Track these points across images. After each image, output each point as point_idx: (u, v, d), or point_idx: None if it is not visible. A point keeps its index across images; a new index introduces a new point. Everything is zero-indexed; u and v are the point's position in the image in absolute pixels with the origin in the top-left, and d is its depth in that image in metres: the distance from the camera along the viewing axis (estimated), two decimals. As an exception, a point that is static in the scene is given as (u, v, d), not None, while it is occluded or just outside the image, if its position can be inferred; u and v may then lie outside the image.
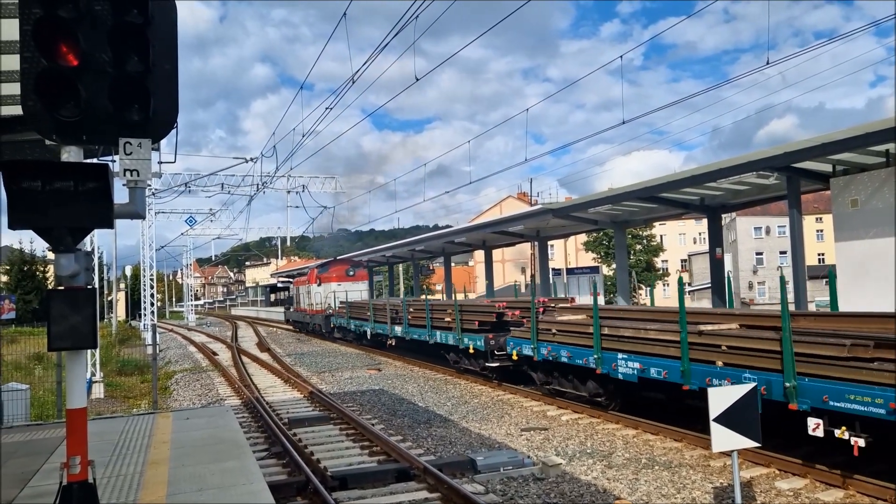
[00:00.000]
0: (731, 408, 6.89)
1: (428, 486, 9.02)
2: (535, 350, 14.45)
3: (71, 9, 4.25)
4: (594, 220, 22.50)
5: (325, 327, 35.13)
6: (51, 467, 7.46)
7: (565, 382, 14.16)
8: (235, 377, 21.33)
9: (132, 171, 4.56)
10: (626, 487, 8.95)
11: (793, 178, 13.99)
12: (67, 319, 4.37)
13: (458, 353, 19.24)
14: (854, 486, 8.30)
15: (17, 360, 23.34)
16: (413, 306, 23.06)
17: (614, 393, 12.87)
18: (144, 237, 47.64)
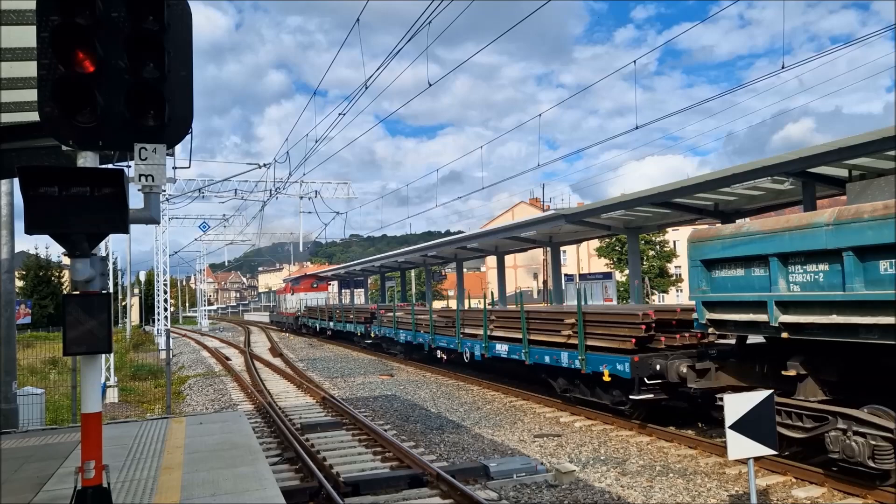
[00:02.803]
0: (747, 415, 6.81)
1: (441, 493, 8.98)
2: (395, 334, 26.30)
3: (88, 16, 4.28)
4: (607, 226, 22.39)
5: (295, 325, 49.09)
6: (65, 472, 7.50)
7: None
8: (248, 382, 21.39)
9: (147, 176, 4.58)
10: (640, 495, 8.88)
11: (808, 184, 13.86)
12: (83, 324, 4.39)
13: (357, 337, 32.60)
14: (873, 496, 8.19)
15: (33, 365, 23.55)
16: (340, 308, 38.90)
17: None
18: (158, 242, 47.96)
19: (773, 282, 9.13)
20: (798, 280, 8.91)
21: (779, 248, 8.98)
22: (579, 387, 14.16)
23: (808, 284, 8.74)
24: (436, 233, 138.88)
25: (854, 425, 8.33)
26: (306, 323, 45.60)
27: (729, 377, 10.73)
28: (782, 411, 9.16)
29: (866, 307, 7.89)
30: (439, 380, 21.06)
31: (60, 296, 47.47)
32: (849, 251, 8.02)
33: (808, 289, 8.74)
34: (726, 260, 10.01)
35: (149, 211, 4.78)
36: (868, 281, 7.85)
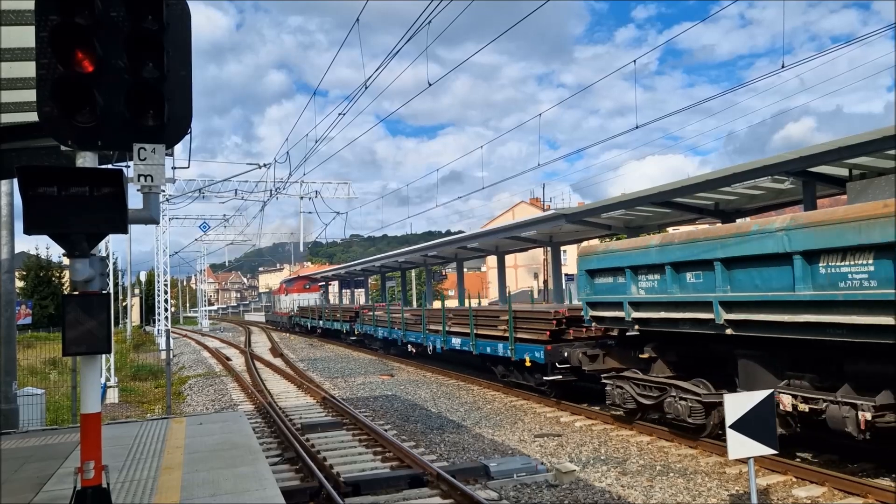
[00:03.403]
0: (748, 415, 6.81)
1: (441, 493, 8.98)
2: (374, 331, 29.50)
3: (87, 15, 4.28)
4: (607, 226, 22.37)
5: (289, 324, 51.62)
6: (65, 472, 7.50)
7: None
8: (248, 382, 21.39)
9: (146, 176, 4.58)
10: (640, 495, 8.87)
11: (808, 183, 13.84)
12: (82, 324, 4.38)
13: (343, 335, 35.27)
14: (874, 495, 8.18)
15: (33, 365, 23.55)
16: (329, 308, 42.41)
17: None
18: (159, 243, 47.93)
19: (628, 287, 11.88)
20: (643, 286, 11.64)
21: (630, 263, 11.83)
22: (513, 372, 17.02)
23: (649, 289, 11.45)
24: (436, 233, 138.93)
25: (681, 393, 11.11)
26: (299, 322, 48.40)
27: (613, 361, 13.42)
28: (640, 384, 12.18)
29: (682, 306, 10.67)
30: (439, 380, 21.07)
31: (61, 296, 47.51)
32: (668, 265, 10.86)
33: (648, 292, 11.48)
34: (601, 270, 12.79)
35: (148, 211, 4.78)
36: (681, 286, 10.73)
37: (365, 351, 31.49)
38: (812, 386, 9.26)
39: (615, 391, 12.75)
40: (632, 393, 12.27)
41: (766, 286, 9.10)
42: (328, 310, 41.24)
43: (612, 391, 12.86)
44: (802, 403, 9.00)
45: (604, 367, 13.41)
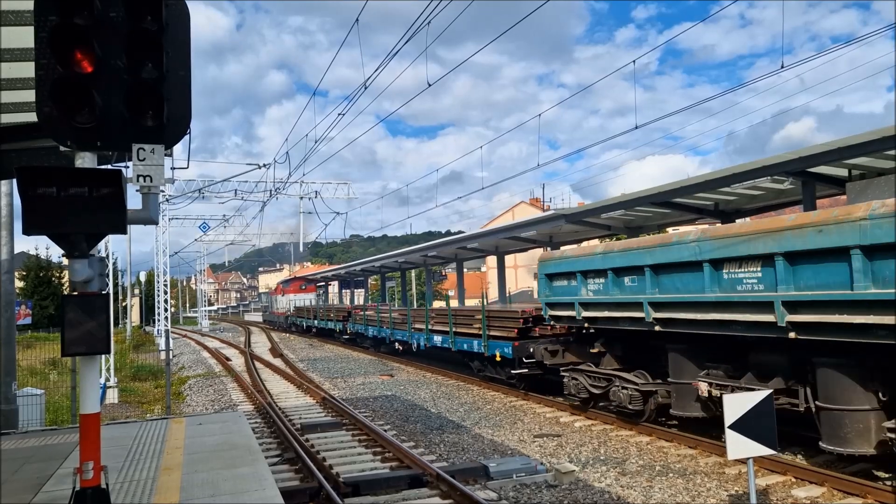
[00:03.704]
0: (747, 415, 6.81)
1: (440, 493, 8.98)
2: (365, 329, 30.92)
3: (86, 16, 4.28)
4: (607, 226, 22.37)
5: (285, 323, 52.99)
6: (65, 472, 7.50)
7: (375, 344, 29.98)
8: (248, 383, 21.38)
9: (145, 176, 4.58)
10: (640, 495, 8.87)
11: (808, 183, 13.84)
12: (81, 325, 4.38)
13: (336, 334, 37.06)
14: (873, 495, 8.18)
15: (33, 366, 23.55)
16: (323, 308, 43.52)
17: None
18: (158, 243, 47.92)
19: (579, 289, 13.33)
20: (591, 288, 13.06)
21: (580, 268, 13.29)
22: (487, 367, 18.45)
23: (596, 291, 12.96)
24: (436, 233, 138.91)
25: (623, 383, 12.54)
26: (295, 322, 49.88)
27: (571, 356, 14.83)
28: (591, 376, 13.63)
29: (621, 306, 12.14)
30: (439, 380, 21.07)
31: (60, 296, 47.50)
32: (610, 270, 12.38)
33: (595, 294, 12.95)
34: (558, 274, 14.19)
35: (147, 211, 4.78)
36: (620, 289, 12.20)
37: (364, 351, 31.49)
38: (726, 375, 10.61)
39: (571, 382, 14.20)
40: (585, 384, 13.74)
41: (685, 289, 10.58)
42: (323, 310, 42.66)
43: (568, 382, 14.29)
44: (716, 389, 10.38)
45: (563, 361, 14.86)
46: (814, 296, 8.46)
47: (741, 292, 9.45)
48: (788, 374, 9.55)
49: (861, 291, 7.80)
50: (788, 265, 8.77)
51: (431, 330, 22.35)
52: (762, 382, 9.64)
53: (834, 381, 8.68)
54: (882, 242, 7.59)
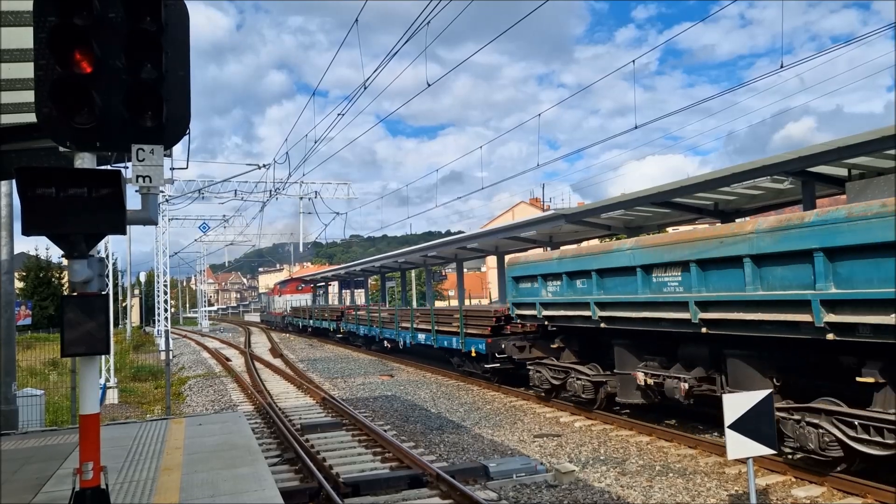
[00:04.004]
0: (746, 415, 6.81)
1: (440, 493, 8.98)
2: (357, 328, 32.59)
3: (85, 16, 4.28)
4: (607, 226, 22.36)
5: (282, 323, 55.15)
6: (64, 473, 7.50)
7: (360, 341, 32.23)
8: (248, 383, 21.38)
9: (145, 177, 4.58)
10: (640, 495, 8.87)
11: (808, 183, 13.84)
12: (81, 325, 4.39)
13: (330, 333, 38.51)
14: (873, 495, 8.18)
15: (33, 366, 23.55)
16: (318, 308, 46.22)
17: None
18: (158, 243, 47.91)
19: (540, 291, 14.74)
20: (550, 290, 14.48)
21: (541, 271, 14.81)
22: (465, 362, 19.99)
23: (553, 292, 14.34)
24: (436, 233, 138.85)
25: (578, 374, 14.03)
26: (291, 321, 51.77)
27: (537, 351, 16.03)
28: (552, 369, 15.05)
29: (574, 306, 13.49)
30: (439, 380, 21.07)
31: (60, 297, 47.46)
32: (564, 274, 13.60)
33: (553, 295, 14.33)
34: (522, 277, 15.61)
35: (146, 212, 4.78)
36: (574, 291, 13.58)
37: (364, 351, 31.50)
38: (660, 366, 11.98)
39: (535, 375, 15.63)
40: (547, 376, 15.21)
41: (623, 291, 11.92)
42: (318, 310, 44.98)
43: (533, 375, 15.76)
44: (650, 379, 11.86)
45: (530, 356, 16.15)
46: (718, 296, 9.80)
47: (665, 293, 10.85)
48: (708, 365, 10.90)
49: (751, 293, 9.14)
50: (700, 270, 10.12)
51: (416, 328, 23.92)
52: (687, 372, 11.14)
53: (740, 369, 10.07)
54: (766, 252, 8.95)
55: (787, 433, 9.12)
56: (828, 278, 8.15)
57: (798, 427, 8.95)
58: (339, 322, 36.49)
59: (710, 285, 9.98)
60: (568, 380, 14.39)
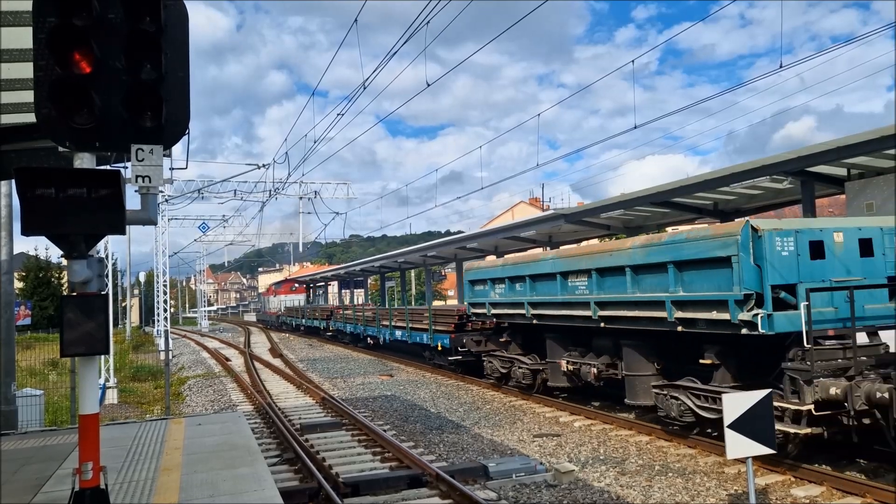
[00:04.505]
0: (746, 414, 6.81)
1: (440, 493, 8.98)
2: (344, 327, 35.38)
3: (85, 17, 4.28)
4: (606, 226, 22.40)
5: (276, 322, 57.99)
6: (64, 473, 7.50)
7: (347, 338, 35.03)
8: (248, 383, 21.38)
9: (144, 177, 4.58)
10: (639, 494, 8.88)
11: (807, 182, 13.86)
12: (80, 325, 4.38)
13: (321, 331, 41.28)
14: (872, 494, 8.19)
15: (32, 366, 23.53)
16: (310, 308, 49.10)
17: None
18: (158, 243, 47.89)
19: (489, 293, 17.61)
20: (497, 292, 17.20)
21: (490, 276, 17.61)
22: (434, 356, 22.34)
23: (500, 294, 16.98)
24: (436, 233, 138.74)
25: (520, 364, 16.44)
26: (285, 321, 54.38)
27: (491, 345, 18.52)
28: (501, 359, 17.50)
29: (514, 305, 16.17)
30: (439, 380, 21.08)
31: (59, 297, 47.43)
32: (507, 279, 16.43)
33: (499, 296, 17.01)
34: (476, 280, 18.37)
35: (146, 212, 4.78)
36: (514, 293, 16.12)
37: (364, 351, 31.51)
38: (579, 355, 14.35)
39: (488, 365, 18.15)
40: (497, 366, 17.57)
41: (548, 293, 14.54)
42: (309, 309, 48.11)
43: (486, 365, 18.27)
44: (571, 365, 14.38)
45: (485, 349, 18.64)
46: (610, 298, 12.41)
47: (576, 295, 13.45)
48: (612, 353, 13.31)
49: (631, 295, 11.77)
50: (599, 277, 12.68)
51: (394, 326, 26.59)
52: (597, 359, 13.65)
53: (632, 356, 12.39)
54: (639, 263, 11.53)
55: (659, 405, 11.49)
56: (677, 284, 10.75)
57: (665, 399, 11.28)
58: (328, 321, 39.21)
59: (605, 289, 12.59)
60: (513, 369, 16.83)
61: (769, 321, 9.24)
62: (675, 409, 11.01)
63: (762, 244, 9.51)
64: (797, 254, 9.69)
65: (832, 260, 10.00)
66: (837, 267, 9.86)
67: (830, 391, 8.67)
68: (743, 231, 9.55)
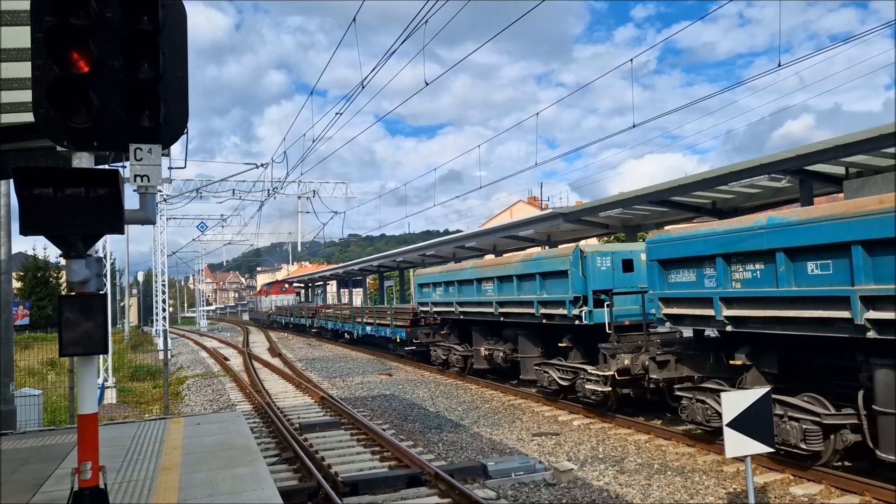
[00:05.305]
0: (745, 413, 6.81)
1: (439, 492, 8.98)
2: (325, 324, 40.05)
3: (83, 16, 4.27)
4: (605, 225, 22.38)
5: (268, 321, 62.42)
6: (63, 473, 7.49)
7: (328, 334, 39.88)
8: (247, 382, 21.37)
9: (142, 177, 4.58)
10: (638, 493, 8.88)
11: (805, 181, 13.86)
12: (79, 325, 4.38)
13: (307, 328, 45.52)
14: (871, 493, 8.20)
15: (31, 366, 23.51)
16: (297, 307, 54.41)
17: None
18: (157, 243, 47.84)
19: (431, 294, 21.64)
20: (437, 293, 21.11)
21: (431, 280, 21.73)
22: (397, 347, 26.34)
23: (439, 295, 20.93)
24: (434, 232, 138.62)
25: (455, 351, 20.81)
26: (276, 319, 58.90)
27: (438, 337, 22.27)
28: (443, 348, 21.64)
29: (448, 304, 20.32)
30: (437, 379, 21.08)
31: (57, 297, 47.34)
32: (443, 283, 20.47)
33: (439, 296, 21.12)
34: (423, 284, 22.56)
35: (144, 211, 4.78)
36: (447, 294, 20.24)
37: (363, 350, 31.51)
38: (494, 343, 18.25)
39: (433, 353, 22.27)
40: (440, 354, 21.75)
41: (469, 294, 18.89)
42: (297, 308, 53.45)
43: (432, 353, 22.36)
44: (487, 351, 18.36)
45: (433, 340, 22.63)
46: (505, 299, 16.71)
47: (486, 297, 17.63)
48: (513, 341, 17.24)
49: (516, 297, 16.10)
50: (499, 283, 16.98)
51: (365, 323, 30.85)
52: (505, 345, 17.61)
53: (524, 343, 16.55)
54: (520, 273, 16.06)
55: (538, 378, 15.44)
56: (542, 289, 15.05)
57: (542, 374, 15.22)
58: (313, 318, 43.67)
59: (502, 292, 16.81)
60: (450, 356, 21.00)
61: (590, 315, 13.52)
62: (545, 381, 15.02)
63: (587, 261, 13.68)
64: (612, 268, 13.79)
65: (640, 272, 13.43)
66: (644, 278, 12.43)
67: (624, 362, 12.20)
68: (574, 253, 13.82)
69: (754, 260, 9.22)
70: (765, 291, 9.00)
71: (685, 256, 10.59)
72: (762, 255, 9.05)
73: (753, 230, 9.18)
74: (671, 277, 11.02)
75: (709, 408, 10.32)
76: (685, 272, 10.67)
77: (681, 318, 10.97)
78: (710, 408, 10.28)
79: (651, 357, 11.74)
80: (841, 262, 7.98)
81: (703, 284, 10.17)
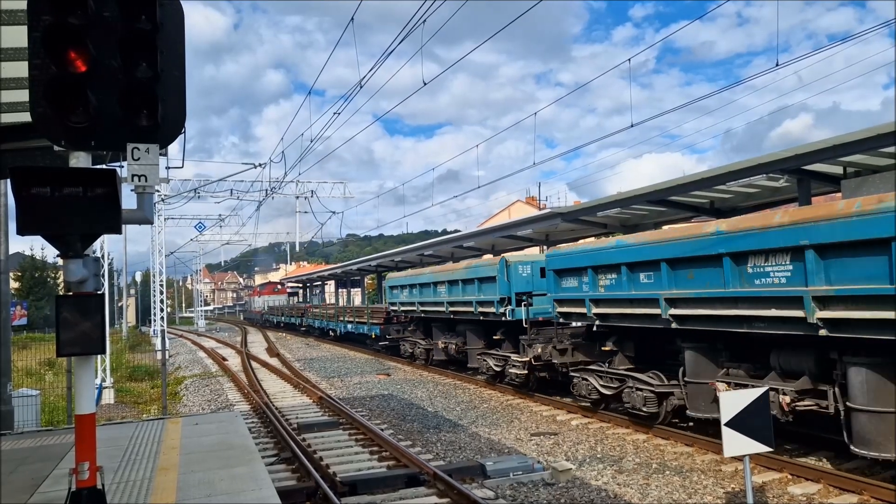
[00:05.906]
0: (743, 412, 6.81)
1: (437, 492, 8.98)
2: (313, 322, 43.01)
3: (80, 15, 4.26)
4: (603, 224, 22.34)
5: (261, 320, 64.87)
6: (60, 473, 7.47)
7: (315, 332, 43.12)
8: (245, 382, 21.35)
9: (140, 176, 4.57)
10: (636, 493, 8.88)
11: (803, 181, 13.85)
12: (77, 325, 4.37)
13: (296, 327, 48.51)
14: (869, 492, 8.21)
15: (29, 366, 23.48)
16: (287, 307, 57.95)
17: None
18: (154, 243, 47.80)
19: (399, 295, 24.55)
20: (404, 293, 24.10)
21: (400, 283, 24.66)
22: (373, 343, 28.98)
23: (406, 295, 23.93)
24: (432, 232, 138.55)
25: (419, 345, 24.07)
26: (268, 318, 61.33)
27: (406, 333, 25.52)
28: (412, 343, 24.62)
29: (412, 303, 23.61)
30: (436, 379, 21.08)
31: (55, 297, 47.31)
32: (408, 286, 23.90)
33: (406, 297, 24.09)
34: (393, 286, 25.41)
35: (142, 211, 4.77)
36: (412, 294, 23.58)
37: (362, 350, 31.49)
38: (449, 337, 20.98)
39: (402, 347, 25.59)
40: (407, 348, 24.90)
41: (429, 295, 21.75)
42: (287, 308, 56.94)
43: (401, 347, 25.63)
44: (443, 345, 20.95)
45: (403, 336, 25.84)
46: (454, 299, 19.66)
47: (440, 297, 20.63)
48: (463, 336, 20.03)
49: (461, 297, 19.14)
50: (450, 285, 19.81)
51: (347, 321, 33.94)
52: (457, 338, 20.40)
53: (469, 336, 19.53)
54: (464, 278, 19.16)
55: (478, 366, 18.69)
56: (479, 291, 18.15)
57: (481, 362, 18.54)
58: (302, 318, 46.56)
59: (452, 294, 19.79)
60: (415, 350, 24.10)
61: (513, 313, 16.67)
62: (484, 367, 18.26)
63: (511, 269, 17.02)
64: (532, 275, 17.01)
65: (552, 279, 15.94)
66: (555, 284, 15.09)
67: (538, 350, 14.82)
68: (500, 262, 17.15)
69: (611, 271, 12.27)
70: (616, 294, 12.14)
71: (571, 267, 13.60)
72: (615, 267, 12.10)
73: (608, 249, 12.49)
74: (563, 283, 14.03)
75: (590, 384, 13.34)
76: (571, 279, 13.70)
77: (569, 315, 14.12)
78: (590, 384, 13.33)
79: (554, 346, 14.38)
80: (656, 273, 11.04)
81: (581, 289, 13.16)
